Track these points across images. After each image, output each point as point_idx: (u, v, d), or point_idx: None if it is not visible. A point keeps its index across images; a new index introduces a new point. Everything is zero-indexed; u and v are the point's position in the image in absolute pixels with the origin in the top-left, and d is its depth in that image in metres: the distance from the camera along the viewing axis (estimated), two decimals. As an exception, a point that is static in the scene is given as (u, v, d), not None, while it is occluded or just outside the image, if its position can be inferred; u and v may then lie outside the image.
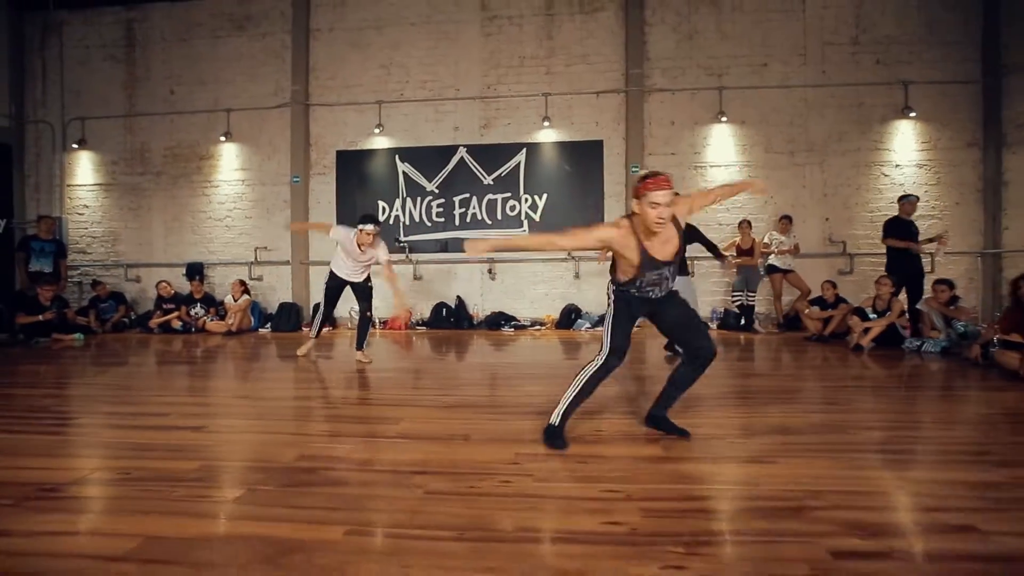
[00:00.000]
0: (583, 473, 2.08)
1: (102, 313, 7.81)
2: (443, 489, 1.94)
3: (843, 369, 4.43)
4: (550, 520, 1.69)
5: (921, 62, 7.18)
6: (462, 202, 7.89)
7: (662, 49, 7.51)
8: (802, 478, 1.99)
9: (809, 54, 7.34)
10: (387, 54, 7.96)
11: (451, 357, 5.41)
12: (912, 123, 7.24)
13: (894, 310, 5.34)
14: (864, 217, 7.37)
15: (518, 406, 3.16)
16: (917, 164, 7.28)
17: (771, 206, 7.39)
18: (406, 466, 2.19)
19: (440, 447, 2.43)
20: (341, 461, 2.26)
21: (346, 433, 2.69)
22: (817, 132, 7.37)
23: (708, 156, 7.54)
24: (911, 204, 5.90)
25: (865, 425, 2.70)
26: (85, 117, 8.64)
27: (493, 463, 2.21)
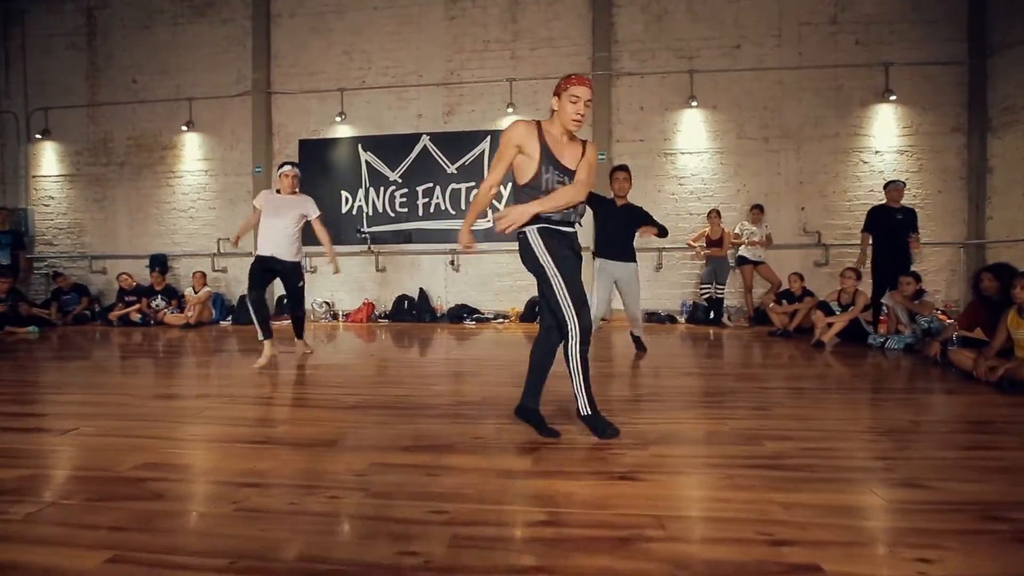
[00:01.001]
0: (422, 489, 1.88)
1: (64, 305, 7.74)
2: (258, 506, 1.75)
3: (794, 368, 4.19)
4: (345, 548, 1.50)
5: (903, 42, 6.82)
6: (425, 192, 7.68)
7: (631, 31, 7.21)
8: (660, 500, 1.77)
9: (784, 35, 7.01)
10: (349, 40, 7.73)
11: (394, 352, 5.23)
12: (893, 107, 6.90)
13: (857, 304, 5.07)
14: (842, 206, 7.06)
15: (419, 407, 2.97)
16: (898, 150, 6.96)
17: (743, 195, 7.11)
18: (241, 476, 2.00)
19: (296, 455, 2.24)
20: (179, 470, 2.08)
21: (212, 437, 2.51)
22: (793, 117, 7.05)
23: (678, 142, 7.25)
24: (897, 190, 5.53)
25: (778, 434, 2.47)
26: (49, 107, 8.53)
27: (337, 474, 2.01)
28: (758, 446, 2.30)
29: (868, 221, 5.49)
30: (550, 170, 2.22)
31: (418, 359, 4.85)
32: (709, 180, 7.21)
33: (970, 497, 1.79)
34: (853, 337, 5.09)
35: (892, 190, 5.53)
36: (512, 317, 7.35)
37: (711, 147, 7.20)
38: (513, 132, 2.21)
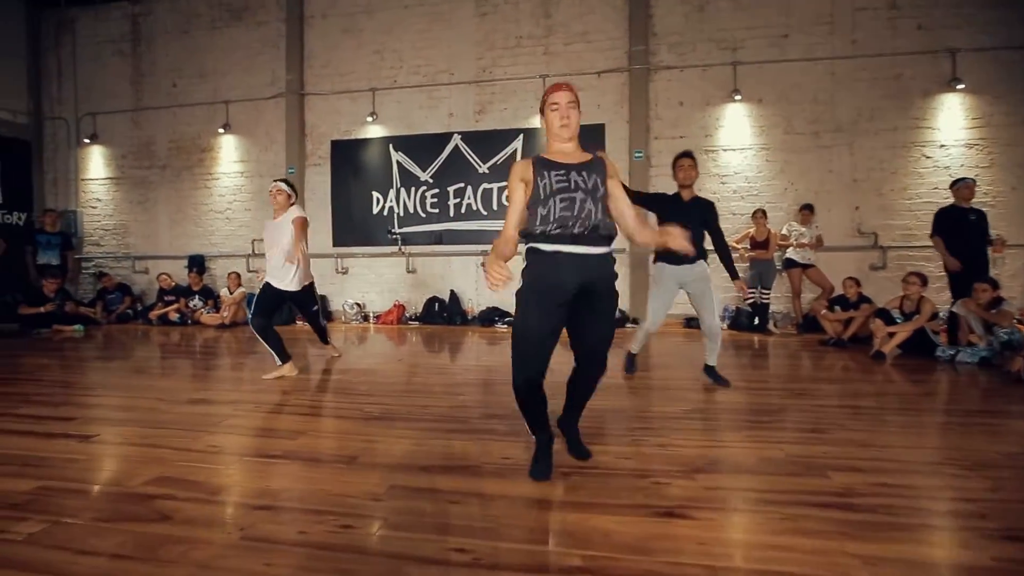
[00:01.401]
0: (444, 519, 1.71)
1: (108, 304, 7.97)
2: (263, 534, 1.62)
3: (853, 383, 3.83)
4: (353, 591, 1.33)
5: (971, 26, 6.26)
6: (456, 192, 7.55)
7: (669, 23, 6.88)
8: (713, 545, 1.54)
9: (837, 22, 6.54)
10: (380, 39, 7.67)
11: (422, 357, 5.10)
12: (960, 96, 6.35)
13: (923, 312, 4.63)
14: (901, 205, 6.55)
15: (445, 420, 2.81)
16: (966, 143, 6.39)
17: (791, 193, 6.69)
18: (255, 497, 1.88)
19: (314, 472, 2.11)
20: (191, 487, 1.97)
21: (229, 450, 2.41)
22: (846, 110, 6.58)
23: (721, 139, 6.88)
24: (967, 188, 4.99)
25: (844, 464, 2.18)
26: (96, 112, 8.82)
27: (353, 497, 1.86)
28: (822, 478, 2.03)
29: (937, 224, 4.99)
30: (546, 175, 1.91)
31: (447, 365, 4.71)
32: (754, 178, 6.81)
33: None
34: (918, 349, 4.64)
35: (963, 188, 5.03)
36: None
37: (756, 143, 6.79)
38: (514, 171, 1.99)
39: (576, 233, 1.86)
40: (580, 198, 1.88)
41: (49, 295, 6.99)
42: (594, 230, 1.88)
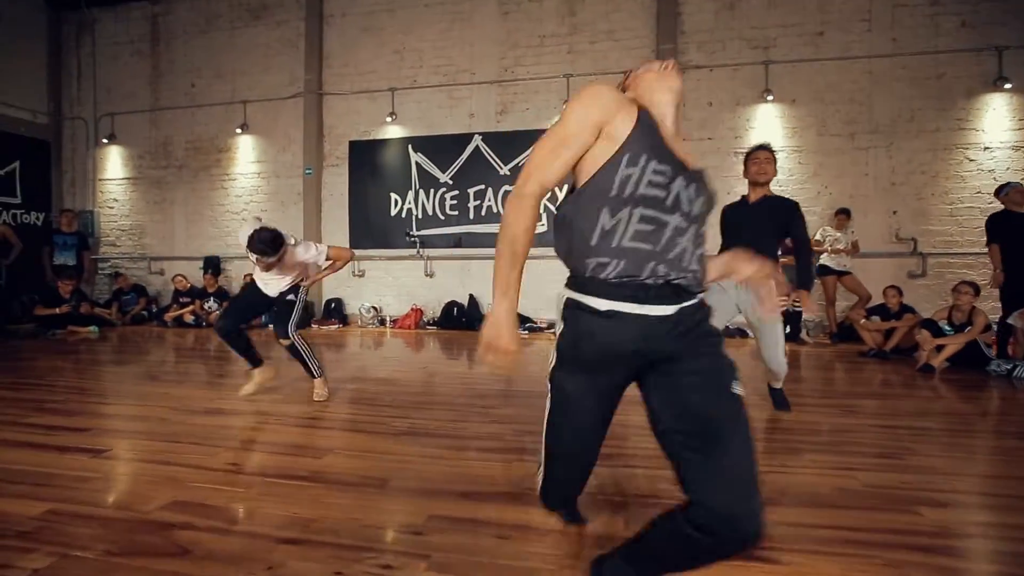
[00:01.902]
0: (494, 559, 1.51)
1: (123, 305, 7.90)
2: (297, 573, 1.43)
3: (903, 399, 3.58)
4: None
5: (1018, 22, 5.98)
6: (477, 194, 7.38)
7: (699, 21, 6.66)
8: (811, 597, 1.33)
9: (876, 18, 6.28)
10: (400, 38, 7.54)
11: (443, 365, 4.92)
12: (1008, 96, 6.06)
13: (976, 324, 4.36)
14: (942, 210, 6.26)
15: (476, 438, 2.62)
16: (1012, 146, 6.10)
17: (824, 197, 6.43)
18: (279, 527, 1.70)
19: (343, 497, 1.93)
20: (210, 513, 1.80)
21: (249, 469, 2.23)
22: (884, 111, 6.31)
23: (751, 140, 6.62)
24: (1019, 192, 4.69)
25: (931, 497, 1.96)
26: (115, 113, 8.79)
27: (391, 529, 1.68)
28: (913, 515, 1.80)
29: (991, 231, 4.71)
30: (645, 163, 1.08)
31: (470, 373, 4.52)
32: (786, 181, 6.55)
33: None
34: (969, 362, 4.38)
35: (1013, 192, 4.75)
36: (565, 327, 6.93)
37: (788, 145, 6.54)
38: (599, 96, 1.13)
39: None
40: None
41: (65, 296, 6.91)
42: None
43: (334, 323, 7.61)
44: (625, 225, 1.09)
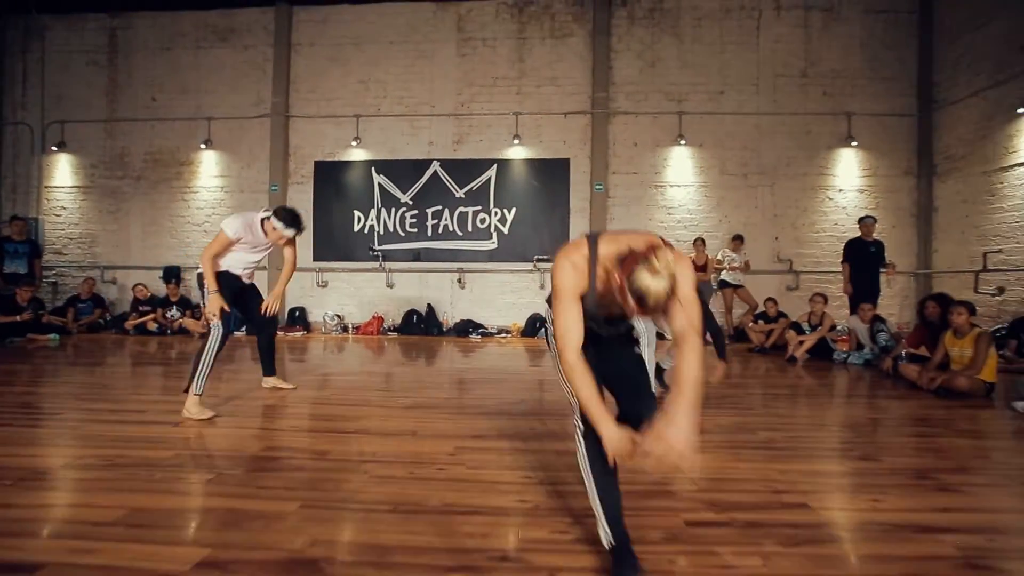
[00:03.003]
0: (508, 463, 2.45)
1: (79, 313, 7.95)
2: (387, 474, 2.29)
3: (771, 378, 4.89)
4: (472, 498, 2.05)
5: (863, 95, 7.79)
6: (435, 214, 8.25)
7: (626, 74, 8.00)
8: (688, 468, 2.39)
9: (762, 84, 7.90)
10: (366, 70, 8.30)
11: (417, 362, 5.75)
12: (854, 151, 7.84)
13: (824, 325, 5.85)
14: (811, 237, 7.93)
15: (469, 407, 3.52)
16: (858, 189, 7.88)
17: (724, 224, 7.91)
18: (357, 456, 2.53)
19: (390, 441, 2.78)
20: (301, 452, 2.59)
21: (308, 429, 3.01)
22: (768, 157, 7.92)
23: (668, 176, 8.03)
24: (866, 225, 6.26)
25: (766, 427, 3.12)
26: (65, 121, 8.80)
27: (434, 454, 2.56)
28: (752, 434, 2.94)
29: (845, 253, 6.28)
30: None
31: (445, 368, 5.38)
32: (695, 211, 8.00)
33: (908, 466, 2.47)
34: (821, 354, 5.86)
35: (865, 224, 6.34)
36: (514, 332, 7.93)
37: (697, 181, 8.00)
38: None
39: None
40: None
41: (23, 303, 6.98)
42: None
43: (298, 330, 8.14)
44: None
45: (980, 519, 1.91)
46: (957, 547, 1.68)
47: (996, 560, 1.61)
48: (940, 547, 1.69)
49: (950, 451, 2.75)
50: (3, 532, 1.72)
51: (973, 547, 1.68)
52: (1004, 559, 1.62)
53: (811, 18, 7.84)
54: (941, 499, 2.09)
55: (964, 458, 2.64)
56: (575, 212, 8.08)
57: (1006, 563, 1.60)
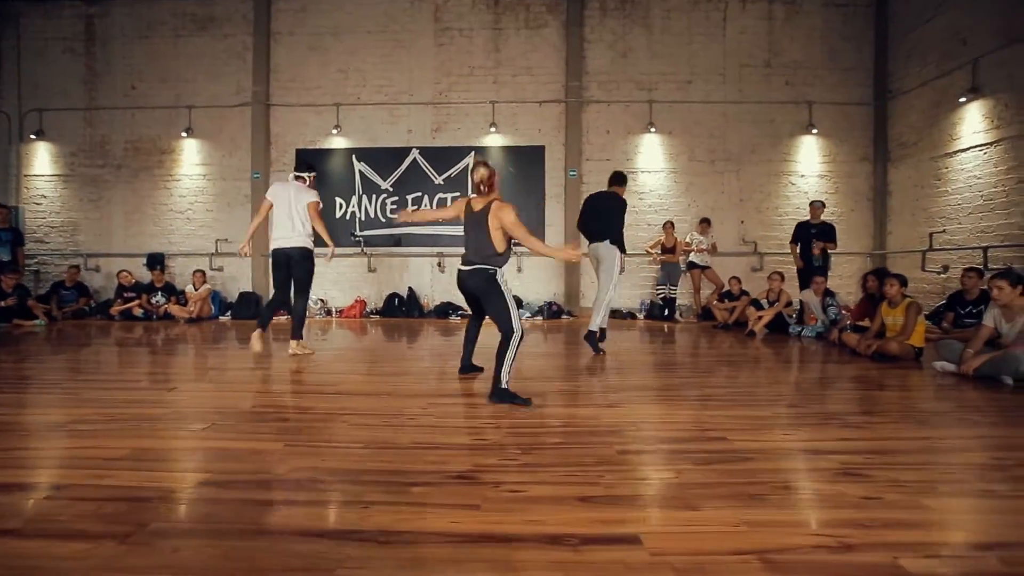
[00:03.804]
0: (473, 414, 2.76)
1: (62, 300, 8.05)
2: (363, 423, 2.58)
3: (729, 350, 5.26)
4: (436, 438, 2.35)
5: (823, 85, 8.17)
6: (414, 200, 8.47)
7: (599, 64, 8.27)
8: (631, 415, 2.72)
9: (728, 74, 8.23)
10: (345, 59, 8.45)
11: (398, 341, 6.02)
12: (815, 139, 8.23)
13: (781, 301, 6.25)
14: (774, 220, 8.33)
15: (444, 374, 3.82)
16: (819, 175, 8.29)
17: (693, 209, 8.27)
18: (338, 410, 2.82)
19: (368, 400, 3.07)
20: (287, 408, 2.87)
21: (294, 391, 3.29)
22: (735, 144, 8.27)
23: (639, 163, 8.35)
24: (814, 208, 6.76)
25: (711, 386, 3.47)
26: (43, 109, 8.81)
27: (407, 408, 2.86)
28: (697, 391, 3.29)
29: (793, 234, 6.75)
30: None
31: (423, 344, 5.66)
32: (665, 196, 8.35)
33: (825, 411, 2.83)
34: (778, 328, 6.26)
35: (811, 207, 6.80)
36: (493, 313, 8.23)
37: (667, 167, 8.34)
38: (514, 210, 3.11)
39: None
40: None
41: (7, 290, 7.08)
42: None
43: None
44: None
45: (865, 445, 2.27)
46: (840, 463, 2.03)
47: (867, 470, 1.96)
48: (826, 462, 2.04)
49: (864, 401, 3.13)
50: (28, 466, 1.99)
51: (853, 463, 2.03)
52: (873, 469, 1.97)
53: (775, 10, 8.17)
54: (840, 432, 2.45)
55: (873, 405, 3.02)
56: (550, 198, 8.37)
57: (874, 472, 1.95)
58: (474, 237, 3.10)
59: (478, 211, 3.10)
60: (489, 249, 3.05)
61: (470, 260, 3.11)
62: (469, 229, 3.15)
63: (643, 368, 4.18)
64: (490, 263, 3.06)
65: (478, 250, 3.07)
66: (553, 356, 4.79)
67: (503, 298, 3.04)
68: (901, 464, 2.04)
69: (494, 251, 3.06)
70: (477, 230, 3.10)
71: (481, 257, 3.06)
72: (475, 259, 3.08)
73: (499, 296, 3.04)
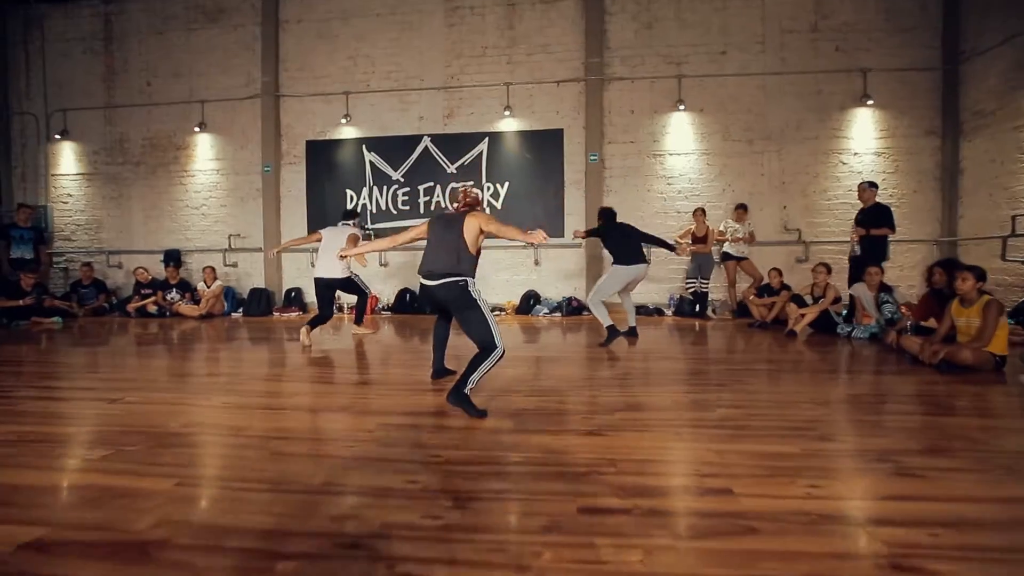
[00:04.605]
0: (420, 441, 2.28)
1: (82, 299, 8.13)
2: (288, 451, 2.16)
3: (762, 353, 4.57)
4: (360, 478, 1.89)
5: (880, 49, 7.17)
6: (426, 190, 8.06)
7: (622, 38, 7.57)
8: (615, 449, 2.17)
9: (768, 41, 7.36)
10: (353, 45, 8.10)
11: (396, 341, 5.63)
12: (871, 111, 7.25)
13: (827, 296, 5.45)
14: (822, 205, 7.43)
15: (419, 384, 3.37)
16: (875, 152, 7.31)
17: (728, 194, 7.48)
18: (273, 433, 2.41)
19: (316, 418, 2.65)
20: (217, 428, 2.49)
21: (241, 405, 2.91)
22: (775, 120, 7.41)
23: (667, 144, 7.62)
24: (861, 190, 5.94)
25: (728, 404, 2.86)
26: (67, 109, 8.92)
27: (352, 431, 2.42)
28: (709, 412, 2.69)
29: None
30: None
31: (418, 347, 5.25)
32: (696, 180, 7.58)
33: (870, 447, 2.19)
34: (824, 327, 5.47)
35: (859, 190, 5.95)
36: (508, 309, 7.74)
37: (698, 148, 7.56)
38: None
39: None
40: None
41: (27, 288, 7.16)
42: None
43: (294, 310, 8.15)
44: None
45: (929, 510, 1.64)
46: (890, 543, 1.43)
47: (929, 560, 1.36)
48: (869, 541, 1.44)
49: (928, 432, 2.45)
50: None
51: (908, 543, 1.43)
52: (940, 559, 1.37)
53: (823, -34, 7.22)
54: (892, 485, 1.83)
55: (941, 438, 2.34)
56: (570, 184, 7.77)
57: (940, 564, 1.34)
58: (443, 245, 2.80)
59: (450, 216, 2.87)
60: (461, 255, 2.75)
61: (436, 272, 2.78)
62: (436, 238, 2.86)
63: (654, 377, 3.59)
64: (460, 272, 2.74)
65: (446, 260, 2.77)
66: (555, 361, 4.25)
67: (480, 311, 2.71)
68: (984, 550, 1.42)
69: (467, 256, 2.76)
70: (448, 235, 2.79)
71: (449, 267, 2.75)
72: (442, 270, 2.76)
73: (476, 310, 2.71)
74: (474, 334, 2.70)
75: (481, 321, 2.68)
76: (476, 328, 2.69)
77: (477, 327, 2.68)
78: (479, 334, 2.67)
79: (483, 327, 2.67)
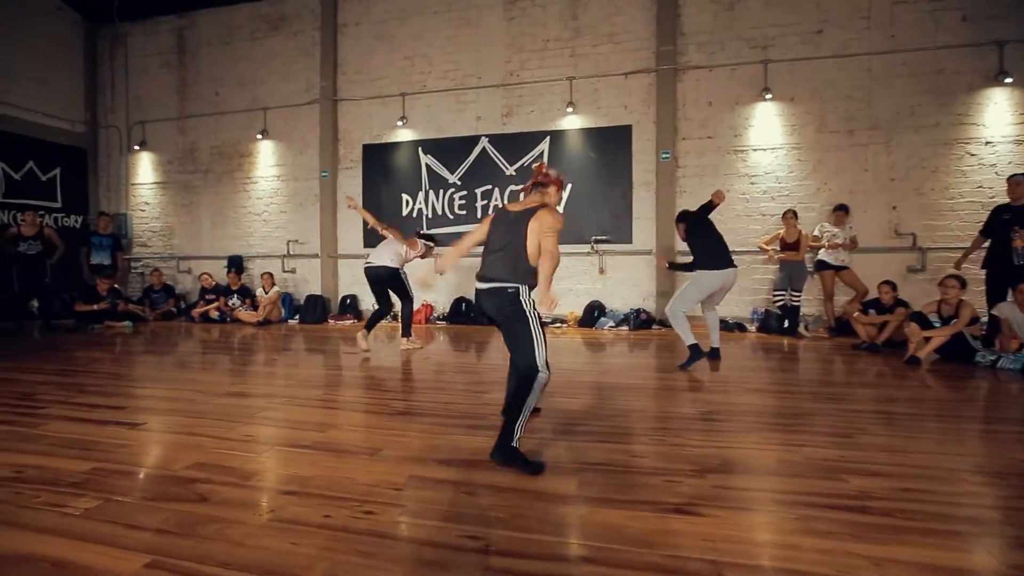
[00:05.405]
0: (460, 507, 1.79)
1: (153, 303, 8.41)
2: (291, 517, 1.73)
3: (883, 388, 3.73)
4: (370, 568, 1.42)
5: (1020, 16, 5.98)
6: (484, 194, 7.66)
7: (698, 22, 6.82)
8: (716, 541, 1.57)
9: (875, 15, 6.35)
10: (410, 45, 7.86)
11: (449, 356, 5.22)
12: (1008, 91, 6.08)
13: (962, 317, 4.45)
14: (943, 205, 6.31)
15: (469, 417, 2.90)
16: (1015, 140, 6.11)
17: (823, 193, 6.53)
18: (283, 483, 2.01)
19: (339, 462, 2.23)
20: (226, 472, 2.12)
21: (262, 439, 2.55)
22: (883, 107, 6.38)
23: (750, 138, 6.77)
24: (1012, 184, 4.86)
25: (864, 469, 2.16)
26: (145, 121, 9.32)
27: (377, 486, 1.97)
28: (838, 481, 2.02)
29: (985, 222, 4.93)
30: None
31: (471, 364, 4.81)
32: (784, 178, 6.67)
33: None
34: (957, 354, 4.48)
35: (1009, 184, 4.87)
36: (570, 321, 7.17)
37: (787, 142, 6.65)
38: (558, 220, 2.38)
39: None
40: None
41: (102, 293, 7.43)
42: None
43: (349, 318, 7.99)
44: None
45: None
46: None
47: None
48: None
49: None
50: None
51: None
52: None
53: (945, -78, 6.14)
54: None
55: None
56: (639, 185, 7.09)
57: None
58: (501, 246, 2.36)
59: (515, 214, 2.38)
60: (518, 261, 2.31)
61: (489, 276, 2.35)
62: (495, 237, 2.43)
63: (750, 417, 2.91)
64: (514, 280, 2.29)
65: (503, 263, 2.33)
66: (624, 390, 3.65)
67: (527, 326, 2.24)
68: None
69: (525, 264, 2.29)
70: (509, 236, 2.34)
71: (505, 272, 2.32)
72: (496, 274, 2.33)
73: (523, 323, 2.24)
74: (516, 353, 2.26)
75: (527, 338, 2.21)
76: (520, 345, 2.23)
77: (521, 344, 2.22)
78: (522, 353, 2.21)
79: (527, 345, 2.20)
